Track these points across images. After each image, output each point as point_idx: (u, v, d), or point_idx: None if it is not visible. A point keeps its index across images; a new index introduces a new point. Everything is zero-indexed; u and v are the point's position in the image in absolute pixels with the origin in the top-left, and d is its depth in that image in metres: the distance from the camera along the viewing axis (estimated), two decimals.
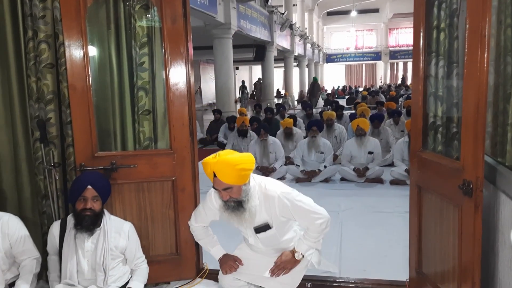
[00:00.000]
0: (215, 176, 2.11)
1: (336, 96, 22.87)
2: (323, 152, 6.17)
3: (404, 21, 35.20)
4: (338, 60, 39.83)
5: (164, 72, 2.87)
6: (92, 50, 2.85)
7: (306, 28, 27.78)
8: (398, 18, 35.37)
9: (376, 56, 38.17)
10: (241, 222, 2.27)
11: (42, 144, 2.76)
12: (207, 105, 22.62)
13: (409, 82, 31.46)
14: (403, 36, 37.38)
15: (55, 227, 2.55)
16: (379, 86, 31.04)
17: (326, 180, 6.03)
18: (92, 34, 2.83)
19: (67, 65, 2.69)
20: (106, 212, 2.58)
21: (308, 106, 10.20)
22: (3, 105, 2.85)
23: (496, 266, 2.16)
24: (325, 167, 6.05)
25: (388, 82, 35.30)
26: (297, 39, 23.08)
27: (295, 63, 25.34)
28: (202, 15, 9.89)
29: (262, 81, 19.34)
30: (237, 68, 27.13)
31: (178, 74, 2.85)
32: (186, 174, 2.95)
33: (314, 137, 6.17)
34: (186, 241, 2.98)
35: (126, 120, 2.93)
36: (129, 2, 2.84)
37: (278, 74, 27.27)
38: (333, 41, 40.56)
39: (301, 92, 24.63)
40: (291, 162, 6.52)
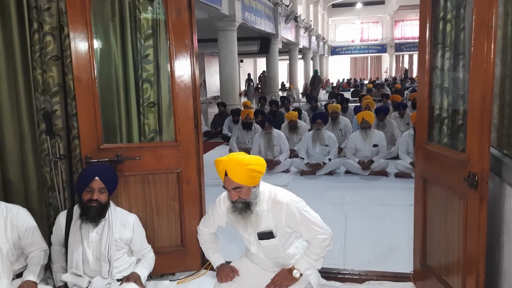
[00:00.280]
0: (226, 175, 2.12)
1: (340, 89, 22.80)
2: (327, 145, 6.16)
3: (410, 13, 34.92)
4: (343, 52, 39.64)
5: (169, 64, 2.87)
6: (97, 43, 2.85)
7: (311, 20, 27.64)
8: (404, 10, 35.09)
9: (382, 48, 37.93)
10: (246, 226, 2.25)
11: (48, 136, 2.78)
12: (212, 98, 22.59)
13: (412, 74, 31.35)
14: (409, 28, 37.08)
15: (62, 217, 2.58)
16: (385, 78, 30.87)
17: (330, 173, 6.03)
18: (97, 26, 2.83)
19: (72, 57, 2.70)
20: (111, 203, 2.60)
21: (313, 99, 10.17)
22: (9, 97, 2.86)
23: (501, 258, 2.16)
24: (329, 160, 6.04)
25: (393, 74, 35.10)
26: (302, 31, 22.97)
27: (300, 56, 25.22)
28: (206, 7, 9.85)
29: (267, 74, 19.27)
30: (241, 61, 27.03)
31: (183, 66, 2.86)
32: (191, 167, 2.96)
33: (319, 130, 6.16)
34: (191, 233, 3.00)
35: (131, 112, 2.94)
36: None
37: (282, 67, 27.20)
38: (338, 33, 40.35)
39: (306, 85, 24.55)
40: (296, 155, 6.51)
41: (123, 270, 2.57)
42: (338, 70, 39.71)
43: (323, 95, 19.63)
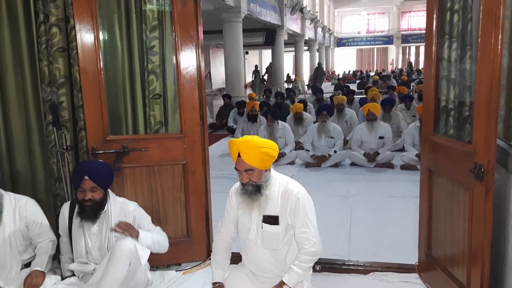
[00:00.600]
0: (239, 156, 2.14)
1: (346, 80, 22.67)
2: (333, 137, 6.15)
3: (417, 4, 34.54)
4: (349, 44, 39.38)
5: (174, 55, 2.87)
6: (103, 34, 2.85)
7: (317, 12, 27.44)
8: (411, 1, 34.75)
9: (388, 40, 37.63)
10: (251, 209, 2.24)
11: (54, 128, 2.80)
12: (217, 90, 22.57)
13: (418, 66, 31.07)
14: (416, 20, 36.70)
15: (65, 208, 2.59)
16: (391, 70, 30.65)
17: (336, 165, 6.03)
18: (103, 18, 2.83)
19: (78, 49, 2.70)
20: (111, 194, 2.59)
21: (319, 91, 10.13)
22: (16, 89, 2.88)
23: (507, 249, 2.15)
24: (335, 152, 6.04)
25: (400, 66, 34.84)
26: (307, 22, 22.82)
27: (306, 48, 25.09)
28: None
29: (272, 65, 19.19)
30: (246, 53, 26.94)
31: (188, 57, 2.86)
32: (196, 158, 2.97)
33: (324, 121, 6.15)
34: (197, 223, 3.02)
35: (137, 104, 2.95)
36: None
37: (288, 59, 27.07)
38: (344, 24, 40.05)
39: (311, 77, 24.44)
40: (301, 147, 6.51)
41: None
42: (344, 62, 39.47)
43: (328, 87, 19.52)
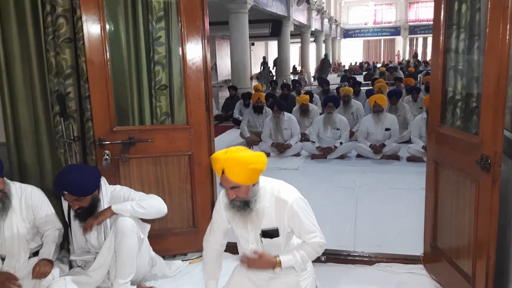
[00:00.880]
0: (223, 173, 1.95)
1: (352, 72, 22.55)
2: (339, 129, 6.13)
3: None
4: (356, 35, 39.06)
5: (180, 46, 2.87)
6: (109, 25, 2.85)
7: (324, 3, 27.25)
8: None
9: (395, 31, 37.27)
10: (246, 223, 2.09)
11: (62, 118, 2.82)
12: (223, 81, 22.54)
13: (426, 58, 30.76)
14: (424, 10, 36.27)
15: (65, 201, 2.58)
16: (398, 62, 30.39)
17: (342, 157, 6.02)
18: (109, 9, 2.83)
19: (85, 39, 2.71)
20: (104, 186, 2.54)
21: (325, 82, 10.09)
22: (23, 79, 2.89)
23: None
24: (341, 143, 6.03)
25: (407, 58, 34.56)
26: (314, 13, 22.67)
27: (312, 39, 24.95)
28: None
29: (278, 57, 19.10)
30: (252, 44, 26.83)
31: (194, 48, 2.85)
32: (202, 149, 2.98)
33: (330, 113, 6.14)
34: (203, 213, 3.04)
35: (143, 95, 2.96)
36: None
37: (294, 50, 26.93)
38: (351, 15, 39.71)
39: (317, 68, 24.32)
40: (307, 139, 6.50)
41: None
42: (350, 53, 39.20)
43: (334, 79, 19.42)
